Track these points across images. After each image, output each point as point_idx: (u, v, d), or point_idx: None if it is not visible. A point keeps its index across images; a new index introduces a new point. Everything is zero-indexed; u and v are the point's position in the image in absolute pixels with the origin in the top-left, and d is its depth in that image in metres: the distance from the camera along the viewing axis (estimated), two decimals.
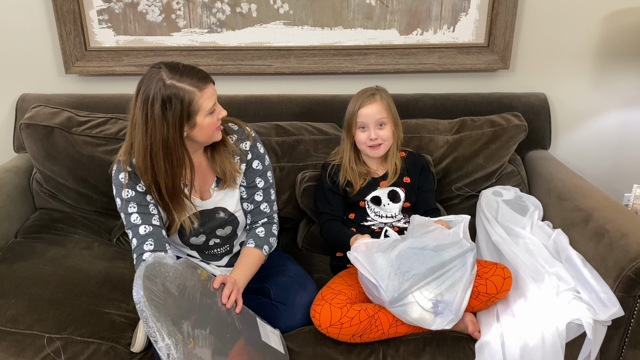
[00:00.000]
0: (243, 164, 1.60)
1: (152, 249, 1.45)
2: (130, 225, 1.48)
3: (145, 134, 1.39)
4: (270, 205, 1.64)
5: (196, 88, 1.39)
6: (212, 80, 1.45)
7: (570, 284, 1.58)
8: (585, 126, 2.32)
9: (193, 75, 1.40)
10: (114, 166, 1.52)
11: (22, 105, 2.12)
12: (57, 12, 2.07)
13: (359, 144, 1.77)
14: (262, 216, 1.62)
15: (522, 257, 1.67)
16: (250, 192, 1.62)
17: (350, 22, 2.13)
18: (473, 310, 1.56)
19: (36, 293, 1.62)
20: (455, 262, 1.45)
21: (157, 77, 1.37)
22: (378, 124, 1.71)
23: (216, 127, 1.49)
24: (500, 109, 2.14)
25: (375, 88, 1.77)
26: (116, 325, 1.56)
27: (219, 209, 1.60)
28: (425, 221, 1.58)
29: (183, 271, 1.34)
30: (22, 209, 2.05)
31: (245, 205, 1.63)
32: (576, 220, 1.77)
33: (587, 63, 2.24)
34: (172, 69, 1.39)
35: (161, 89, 1.36)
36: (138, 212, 1.48)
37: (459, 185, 2.04)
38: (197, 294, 1.33)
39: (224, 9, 2.10)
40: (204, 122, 1.43)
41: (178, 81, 1.37)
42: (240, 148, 1.59)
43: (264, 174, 1.63)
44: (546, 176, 2.04)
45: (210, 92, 1.43)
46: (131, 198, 1.48)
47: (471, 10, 2.13)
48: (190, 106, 1.39)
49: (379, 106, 1.71)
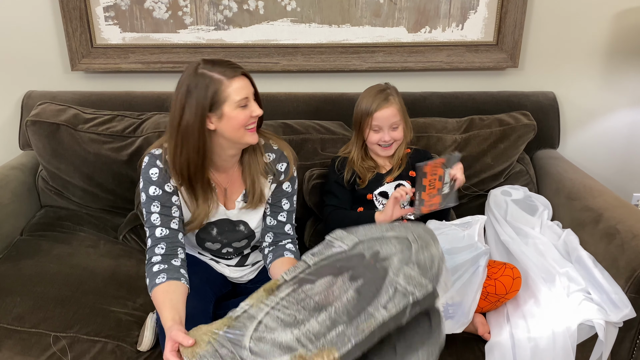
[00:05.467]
0: (274, 184, 1.57)
1: (163, 252, 1.43)
2: (149, 224, 1.46)
3: (171, 116, 1.40)
4: (292, 228, 1.61)
5: (224, 77, 1.37)
6: (247, 73, 1.42)
7: (581, 284, 1.56)
8: (594, 125, 2.31)
9: (225, 65, 1.39)
10: (145, 158, 1.49)
11: (27, 102, 2.11)
12: (63, 9, 2.07)
13: (370, 143, 1.77)
14: (287, 237, 1.59)
15: (532, 257, 1.66)
16: (274, 210, 1.58)
17: (358, 19, 2.12)
18: (482, 310, 1.54)
19: (42, 291, 1.61)
20: (468, 265, 1.43)
21: (192, 68, 1.38)
22: (392, 126, 1.72)
23: (246, 125, 1.42)
24: (509, 108, 2.12)
25: (387, 87, 1.76)
26: (122, 323, 1.55)
27: (241, 223, 1.57)
28: (440, 224, 1.56)
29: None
30: (28, 207, 2.04)
31: (268, 220, 1.59)
32: (586, 221, 1.76)
33: (597, 62, 2.22)
34: (208, 61, 1.40)
35: (190, 75, 1.37)
36: (160, 212, 1.45)
37: (467, 185, 2.02)
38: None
39: (231, 6, 2.09)
40: (232, 114, 1.38)
41: (209, 70, 1.37)
42: (276, 168, 1.56)
43: (291, 197, 1.59)
44: (555, 176, 2.02)
45: (241, 84, 1.39)
46: (157, 196, 1.45)
47: (480, 8, 2.11)
48: (216, 94, 1.36)
49: (394, 109, 1.71)
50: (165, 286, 1.36)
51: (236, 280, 1.70)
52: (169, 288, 1.36)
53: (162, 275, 1.38)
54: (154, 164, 1.46)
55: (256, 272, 1.72)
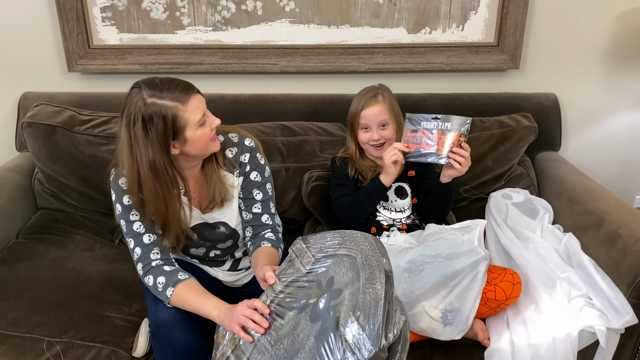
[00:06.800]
0: (241, 177, 1.53)
1: (160, 257, 1.41)
2: (132, 234, 1.42)
3: (132, 157, 1.32)
4: (271, 217, 1.57)
5: (178, 102, 1.30)
6: (197, 90, 1.36)
7: (582, 290, 1.54)
8: (596, 127, 2.29)
9: (173, 89, 1.31)
10: (112, 170, 1.45)
11: (24, 103, 2.10)
12: (60, 10, 2.05)
13: (362, 143, 1.75)
14: (265, 227, 1.55)
15: (533, 261, 1.64)
16: (247, 204, 1.55)
17: (358, 20, 2.10)
18: (482, 316, 1.52)
19: (37, 295, 1.60)
20: (467, 271, 1.41)
21: (137, 96, 1.31)
22: (380, 124, 1.70)
23: (211, 138, 1.39)
24: (510, 110, 2.10)
25: (378, 87, 1.75)
26: (118, 329, 1.54)
27: (220, 224, 1.55)
28: (440, 228, 1.55)
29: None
30: (24, 209, 2.02)
31: (244, 215, 1.56)
32: (587, 224, 1.74)
33: (598, 63, 2.20)
34: (151, 86, 1.31)
35: (141, 108, 1.29)
36: (141, 219, 1.42)
37: (467, 188, 2.00)
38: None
39: (229, 7, 2.07)
40: (195, 136, 1.34)
41: (158, 98, 1.29)
42: (240, 161, 1.52)
43: (263, 186, 1.54)
44: (556, 178, 2.00)
45: (196, 104, 1.33)
46: (134, 205, 1.42)
47: (481, 9, 2.09)
48: (175, 122, 1.31)
49: (381, 107, 1.69)
50: (193, 282, 1.38)
51: (231, 284, 1.69)
52: (197, 284, 1.38)
53: (182, 273, 1.39)
54: (122, 174, 1.41)
55: (251, 276, 1.70)
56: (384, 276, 1.09)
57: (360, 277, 1.12)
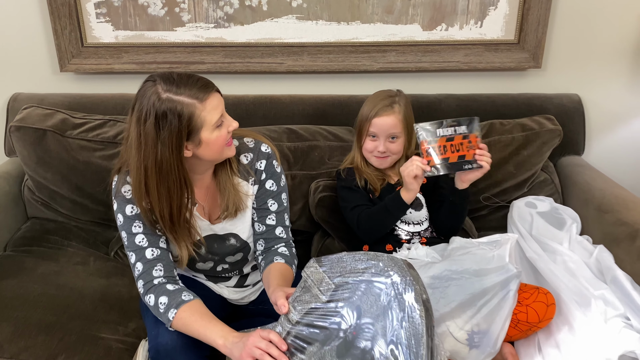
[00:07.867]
0: (256, 185, 1.44)
1: (163, 274, 1.31)
2: (134, 247, 1.33)
3: (139, 155, 1.24)
4: (285, 230, 1.47)
5: (196, 99, 1.22)
6: (217, 88, 1.28)
7: (619, 309, 1.44)
8: (622, 130, 2.20)
9: (192, 84, 1.23)
10: (114, 177, 1.36)
11: (13, 105, 2.00)
12: (51, 5, 1.96)
13: (365, 151, 1.66)
14: (279, 241, 1.46)
15: (562, 277, 1.53)
16: (261, 215, 1.45)
17: (369, 16, 2.01)
18: (511, 339, 1.43)
19: (24, 316, 1.49)
20: (497, 289, 1.30)
21: (151, 90, 1.21)
22: (390, 136, 1.61)
23: (227, 142, 1.32)
24: (531, 111, 2.01)
25: (396, 93, 1.65)
26: (112, 351, 1.44)
27: (230, 235, 1.45)
28: (466, 242, 1.44)
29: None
30: (13, 218, 1.92)
31: (257, 226, 1.46)
32: (620, 236, 1.63)
33: (624, 63, 2.12)
34: (167, 80, 1.23)
35: (155, 103, 1.20)
36: (144, 232, 1.32)
37: (487, 195, 1.90)
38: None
39: (232, 2, 1.98)
40: (211, 138, 1.26)
41: (175, 93, 1.21)
42: (256, 168, 1.43)
43: (278, 196, 1.45)
44: (583, 185, 1.89)
45: (215, 103, 1.26)
46: (137, 215, 1.32)
47: (501, 4, 2.00)
48: (191, 121, 1.22)
49: (395, 119, 1.60)
50: (198, 303, 1.27)
51: (236, 302, 1.59)
52: (202, 306, 1.28)
53: (186, 293, 1.28)
54: (126, 181, 1.32)
55: (258, 293, 1.60)
56: (422, 307, 0.97)
57: (393, 307, 1.00)
